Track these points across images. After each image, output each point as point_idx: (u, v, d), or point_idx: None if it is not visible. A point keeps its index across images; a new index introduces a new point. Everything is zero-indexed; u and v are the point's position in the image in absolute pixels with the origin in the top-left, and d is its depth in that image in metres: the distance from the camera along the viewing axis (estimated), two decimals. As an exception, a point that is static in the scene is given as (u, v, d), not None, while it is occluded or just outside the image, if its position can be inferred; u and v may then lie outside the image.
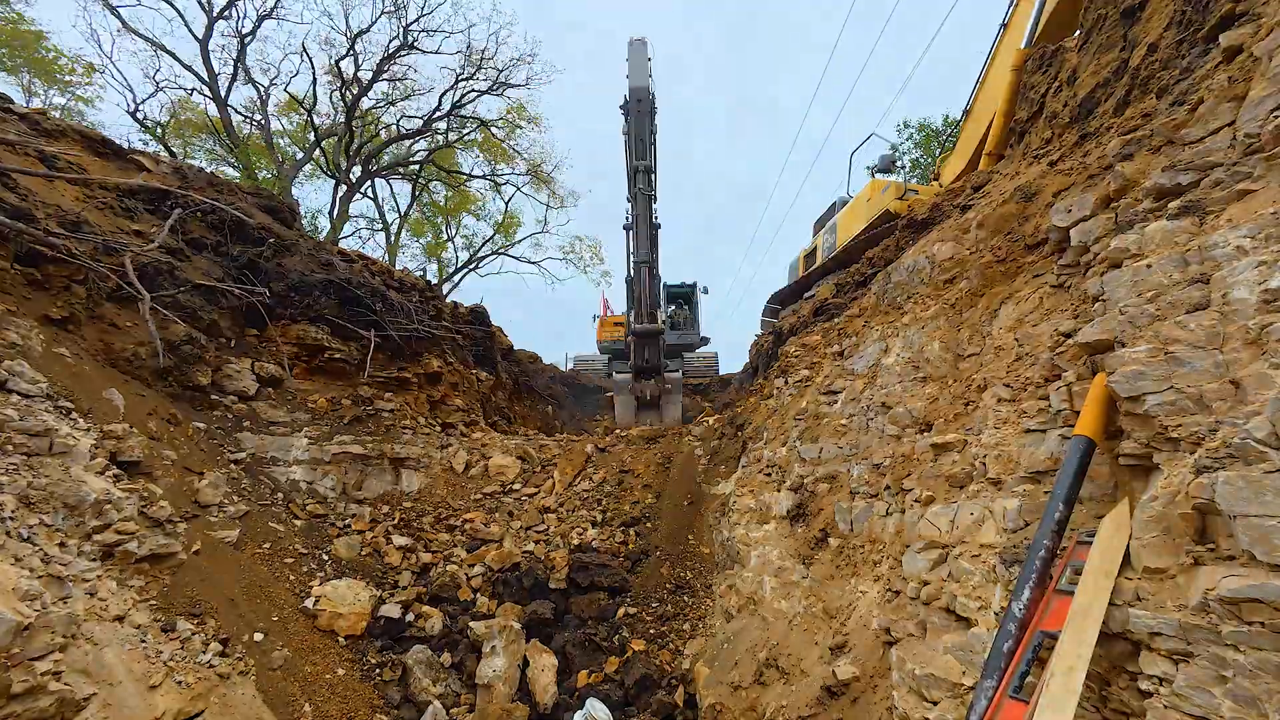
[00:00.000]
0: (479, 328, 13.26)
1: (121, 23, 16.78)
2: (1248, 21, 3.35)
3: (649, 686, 6.26)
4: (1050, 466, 3.34)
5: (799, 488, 6.69)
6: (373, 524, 7.83)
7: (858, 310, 7.35)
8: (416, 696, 5.94)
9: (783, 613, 5.94)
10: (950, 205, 7.36)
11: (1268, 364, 2.33)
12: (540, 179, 23.51)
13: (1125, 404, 2.77)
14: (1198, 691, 2.17)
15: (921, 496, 4.40)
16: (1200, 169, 3.01)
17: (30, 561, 3.98)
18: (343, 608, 6.20)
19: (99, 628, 4.12)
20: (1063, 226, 3.95)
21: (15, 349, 5.19)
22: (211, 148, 19.53)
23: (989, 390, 4.16)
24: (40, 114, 7.84)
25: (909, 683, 3.67)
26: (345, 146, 19.06)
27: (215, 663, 4.67)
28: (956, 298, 5.30)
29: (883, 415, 5.50)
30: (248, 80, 17.98)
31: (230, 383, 7.81)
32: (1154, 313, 2.84)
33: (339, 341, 9.08)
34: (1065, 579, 2.80)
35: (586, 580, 7.54)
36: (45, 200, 6.45)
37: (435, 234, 26.18)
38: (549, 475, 9.32)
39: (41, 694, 3.53)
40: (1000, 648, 2.76)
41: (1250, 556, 2.13)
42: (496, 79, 20.29)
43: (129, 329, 6.75)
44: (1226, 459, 2.26)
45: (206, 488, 6.32)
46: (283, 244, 9.02)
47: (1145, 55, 4.71)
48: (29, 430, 4.55)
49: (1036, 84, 6.94)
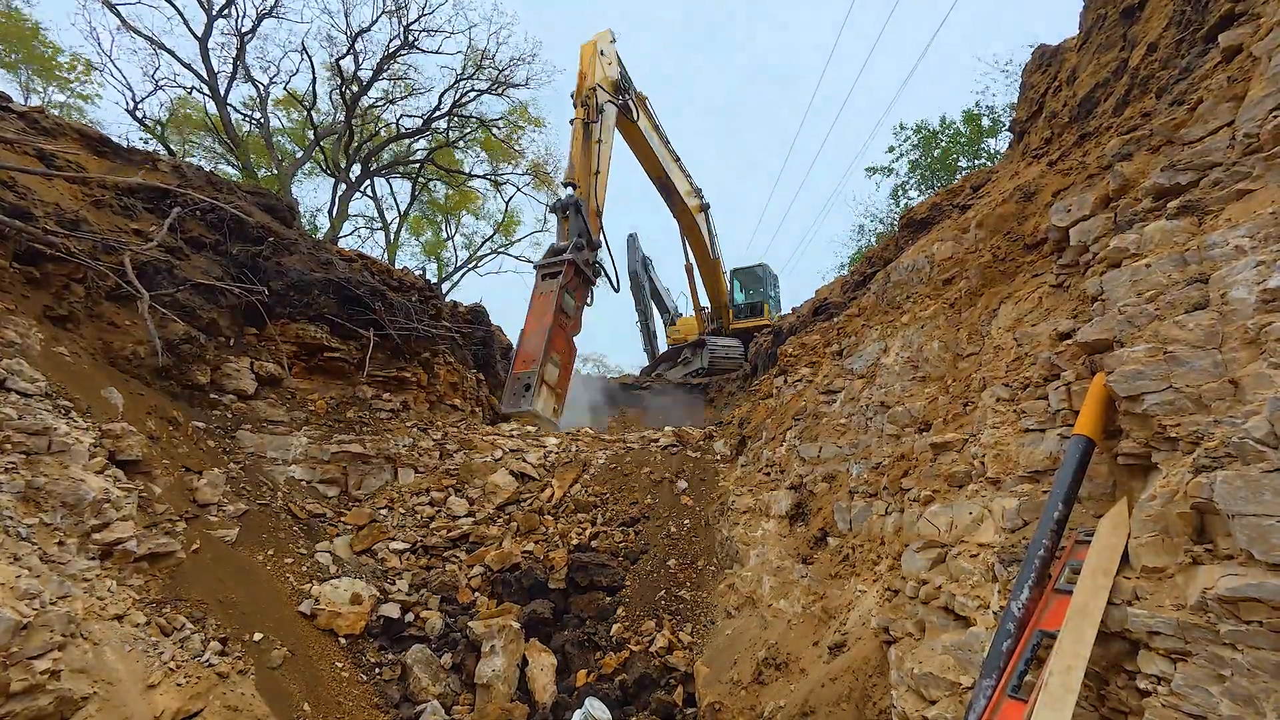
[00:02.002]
0: (478, 327, 13.26)
1: (121, 20, 16.77)
2: (1247, 21, 3.36)
3: (648, 685, 6.26)
4: (1049, 466, 3.35)
5: (798, 487, 6.69)
6: (372, 523, 7.83)
7: (857, 310, 7.36)
8: (416, 696, 5.94)
9: (782, 612, 5.94)
10: (950, 205, 7.37)
11: (1266, 364, 2.33)
12: (541, 178, 23.52)
13: (1124, 403, 2.77)
14: (1196, 690, 2.17)
15: (920, 496, 4.41)
16: (1199, 169, 3.01)
17: (29, 560, 3.97)
18: (342, 607, 6.20)
19: (98, 627, 4.12)
20: (1062, 226, 3.96)
21: (14, 347, 5.18)
22: (211, 146, 19.53)
23: (988, 390, 4.17)
24: (39, 112, 7.83)
25: (908, 682, 3.68)
26: (345, 145, 19.05)
27: (214, 662, 4.67)
28: (956, 297, 5.31)
29: (882, 415, 5.51)
30: (247, 78, 17.98)
31: (229, 382, 7.80)
32: (1153, 312, 2.84)
33: (338, 341, 9.07)
34: (1064, 578, 2.81)
35: (586, 580, 7.54)
36: (44, 198, 6.44)
37: (435, 233, 26.18)
38: (547, 485, 9.32)
39: (40, 693, 3.53)
40: (999, 647, 2.76)
41: (1248, 556, 2.13)
42: (497, 78, 20.29)
43: (128, 328, 6.74)
44: (1225, 458, 2.26)
45: (205, 487, 6.32)
46: (282, 243, 9.01)
47: (1145, 55, 4.71)
48: (27, 429, 4.54)
49: (1036, 84, 6.95)
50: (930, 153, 20.26)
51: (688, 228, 18.12)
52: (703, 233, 18.21)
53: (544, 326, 10.06)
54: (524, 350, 10.21)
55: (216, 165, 18.83)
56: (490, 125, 21.48)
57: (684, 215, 17.55)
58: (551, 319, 10.09)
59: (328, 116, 20.06)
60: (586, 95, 12.21)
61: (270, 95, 18.76)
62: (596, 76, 12.44)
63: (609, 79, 12.95)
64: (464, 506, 8.64)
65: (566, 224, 11.40)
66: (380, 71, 19.08)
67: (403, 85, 20.32)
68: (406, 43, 18.86)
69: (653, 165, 15.72)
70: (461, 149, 22.91)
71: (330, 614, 6.11)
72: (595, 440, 11.15)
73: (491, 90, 20.50)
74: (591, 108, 12.09)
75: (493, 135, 21.85)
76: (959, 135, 19.74)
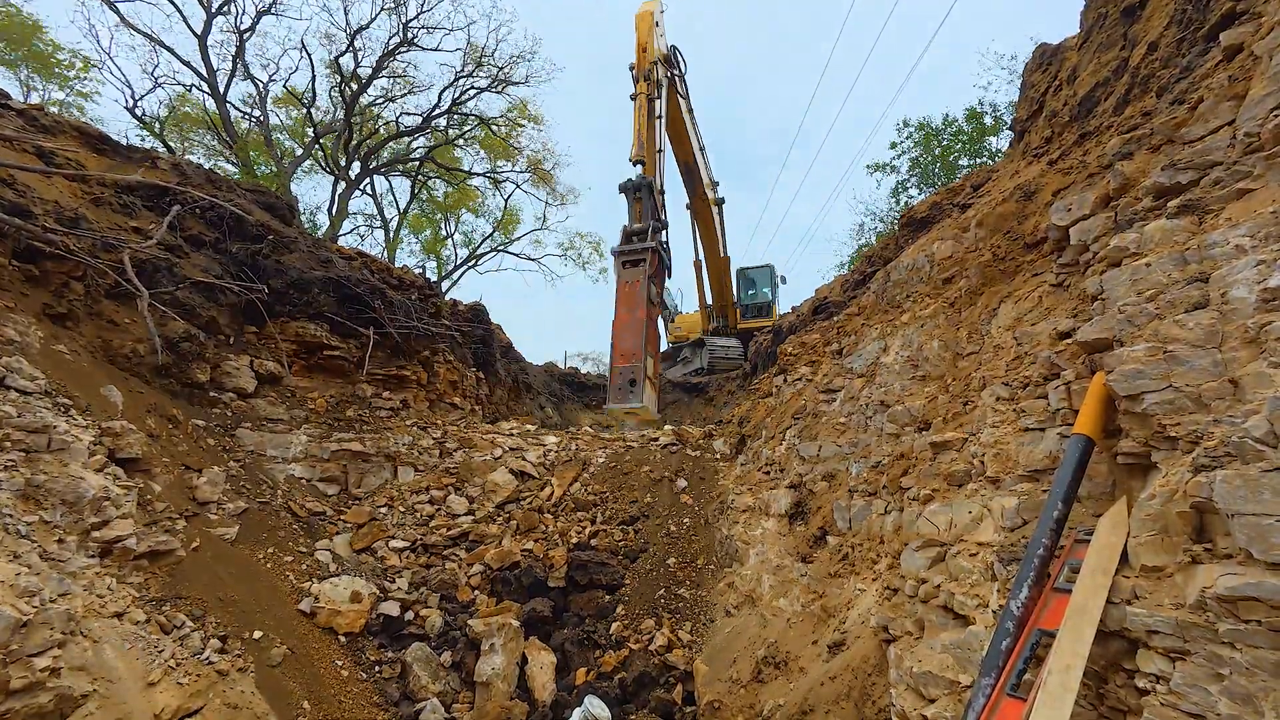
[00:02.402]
0: (478, 325, 13.25)
1: (120, 18, 16.71)
2: (1248, 20, 3.35)
3: (647, 684, 6.27)
4: (1048, 465, 3.35)
5: (798, 486, 6.70)
6: (371, 521, 7.83)
7: (857, 309, 7.35)
8: (415, 694, 5.95)
9: (781, 610, 5.95)
10: (950, 204, 7.36)
11: (1266, 363, 2.33)
12: (540, 176, 23.49)
13: (1124, 403, 2.77)
14: (1194, 689, 2.18)
15: (920, 495, 4.41)
16: (1200, 168, 3.01)
17: (29, 558, 3.97)
18: (341, 605, 6.20)
19: (97, 624, 4.12)
20: (1062, 225, 3.95)
21: (13, 345, 5.18)
22: (210, 144, 19.49)
23: (988, 389, 4.17)
24: (38, 109, 7.81)
25: (907, 680, 3.68)
26: (344, 143, 19.02)
27: (214, 660, 4.67)
28: (955, 296, 5.30)
29: (881, 414, 5.51)
30: (246, 76, 17.93)
31: (229, 380, 7.80)
32: (1153, 311, 2.84)
33: (338, 339, 9.06)
34: (1063, 577, 2.81)
35: (585, 578, 7.55)
36: (43, 196, 6.43)
37: (434, 231, 26.15)
38: (547, 483, 9.32)
39: (40, 690, 3.53)
40: (998, 646, 2.76)
41: (1247, 555, 2.13)
42: (496, 76, 20.26)
43: (127, 326, 6.73)
44: (1224, 458, 2.26)
45: (205, 485, 6.32)
46: (281, 241, 9.00)
47: (1145, 54, 4.71)
48: (27, 427, 4.54)
49: (1037, 83, 6.94)
50: (931, 151, 20.22)
51: (703, 220, 17.71)
52: (716, 228, 18.00)
53: (637, 319, 9.73)
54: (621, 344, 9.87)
55: (216, 163, 18.79)
56: (490, 123, 21.45)
57: (702, 208, 17.18)
58: (645, 311, 9.87)
59: (327, 114, 20.04)
60: (649, 69, 11.73)
61: (269, 93, 18.73)
62: (653, 47, 11.88)
63: (662, 51, 12.37)
64: (464, 505, 8.65)
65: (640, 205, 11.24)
66: (379, 69, 19.04)
67: (402, 83, 20.29)
68: (406, 40, 18.82)
69: (685, 149, 15.14)
70: (461, 147, 22.89)
71: (330, 612, 6.12)
72: (595, 439, 11.16)
73: (491, 88, 20.47)
74: (653, 82, 11.79)
75: (492, 133, 21.82)
76: (960, 133, 19.70)
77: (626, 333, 9.99)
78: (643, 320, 9.70)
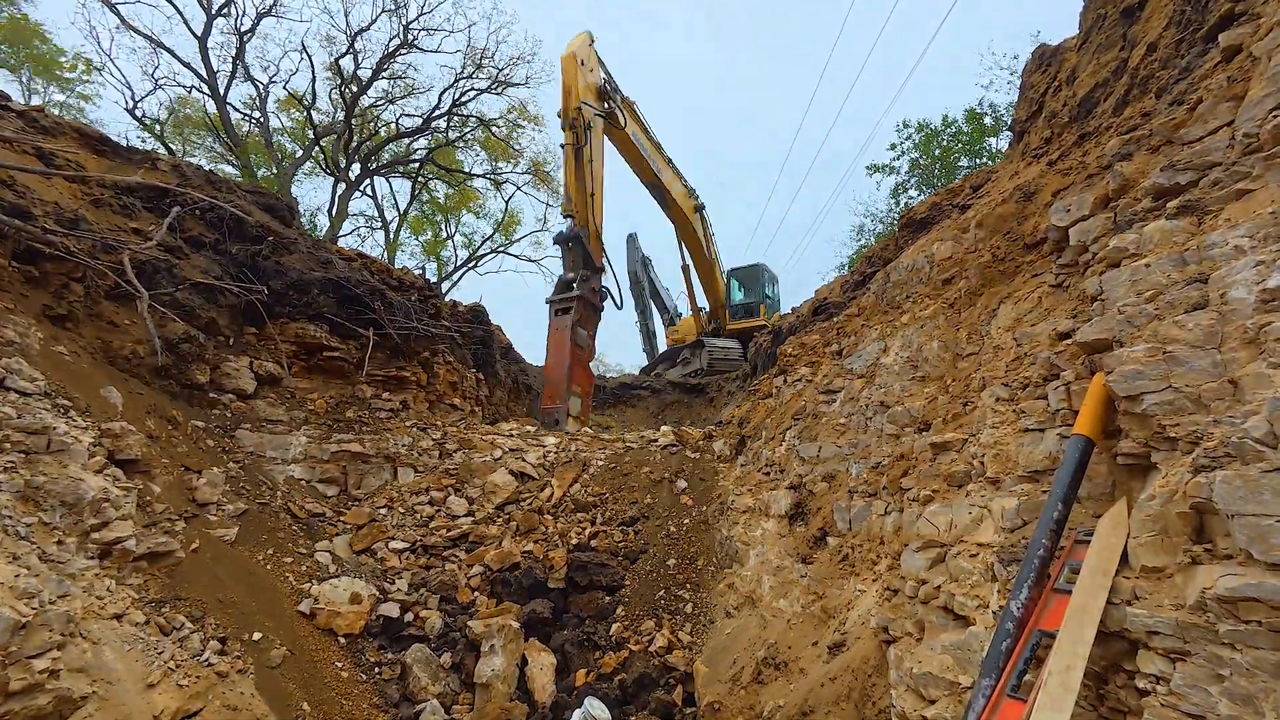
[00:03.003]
0: (478, 326, 13.24)
1: (120, 19, 16.76)
2: (1247, 21, 3.35)
3: (647, 685, 6.26)
4: (1048, 466, 3.35)
5: (798, 487, 6.70)
6: (371, 522, 7.83)
7: (856, 309, 7.36)
8: (415, 695, 5.94)
9: (781, 611, 5.95)
10: (949, 204, 7.37)
11: (1266, 363, 2.33)
12: (541, 177, 23.52)
13: (1123, 403, 2.77)
14: (1194, 690, 2.18)
15: (920, 496, 4.41)
16: (1199, 169, 3.01)
17: (28, 559, 3.97)
18: (341, 606, 6.20)
19: (97, 626, 4.11)
20: (1061, 226, 3.96)
21: (13, 346, 5.18)
22: (210, 145, 19.52)
23: (987, 389, 4.17)
24: (38, 111, 7.82)
25: (907, 681, 3.68)
26: (345, 144, 19.04)
27: (214, 661, 4.67)
28: (955, 297, 5.31)
29: (881, 414, 5.51)
30: (247, 78, 17.97)
31: (229, 381, 7.80)
32: (1152, 312, 2.84)
33: (338, 340, 9.06)
34: (1063, 578, 2.81)
35: (585, 579, 7.54)
36: (43, 197, 6.43)
37: (435, 232, 26.17)
38: (546, 485, 9.32)
39: (39, 692, 3.53)
40: (998, 646, 2.76)
41: (1247, 555, 2.13)
42: (496, 77, 20.29)
43: (127, 327, 6.73)
44: (1224, 458, 2.26)
45: (205, 486, 6.31)
46: (281, 242, 9.01)
47: (1144, 55, 4.71)
48: (26, 428, 4.54)
49: (1036, 83, 6.94)
50: (931, 151, 20.24)
51: (683, 230, 17.98)
52: (698, 234, 18.09)
53: (563, 363, 11.56)
54: (549, 385, 11.84)
55: (216, 164, 18.81)
56: (490, 124, 21.48)
57: (679, 217, 17.41)
58: (569, 356, 11.59)
59: (327, 116, 20.06)
60: (574, 116, 11.82)
61: (270, 94, 18.76)
62: (580, 89, 11.92)
63: (592, 87, 12.40)
64: (463, 506, 8.64)
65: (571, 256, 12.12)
66: (380, 70, 19.08)
67: (402, 84, 20.33)
68: (406, 42, 18.86)
69: (644, 170, 15.43)
70: (461, 148, 22.92)
71: (330, 613, 6.11)
72: (594, 440, 11.15)
73: (491, 89, 20.50)
74: (579, 129, 11.81)
75: (492, 134, 21.85)
76: (960, 134, 19.72)
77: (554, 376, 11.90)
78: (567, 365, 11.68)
